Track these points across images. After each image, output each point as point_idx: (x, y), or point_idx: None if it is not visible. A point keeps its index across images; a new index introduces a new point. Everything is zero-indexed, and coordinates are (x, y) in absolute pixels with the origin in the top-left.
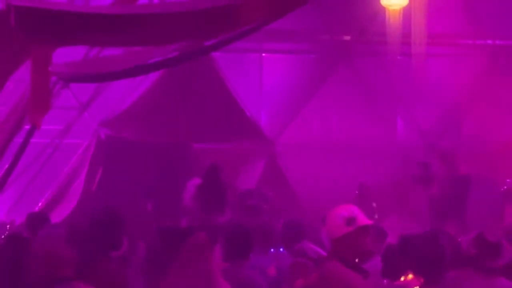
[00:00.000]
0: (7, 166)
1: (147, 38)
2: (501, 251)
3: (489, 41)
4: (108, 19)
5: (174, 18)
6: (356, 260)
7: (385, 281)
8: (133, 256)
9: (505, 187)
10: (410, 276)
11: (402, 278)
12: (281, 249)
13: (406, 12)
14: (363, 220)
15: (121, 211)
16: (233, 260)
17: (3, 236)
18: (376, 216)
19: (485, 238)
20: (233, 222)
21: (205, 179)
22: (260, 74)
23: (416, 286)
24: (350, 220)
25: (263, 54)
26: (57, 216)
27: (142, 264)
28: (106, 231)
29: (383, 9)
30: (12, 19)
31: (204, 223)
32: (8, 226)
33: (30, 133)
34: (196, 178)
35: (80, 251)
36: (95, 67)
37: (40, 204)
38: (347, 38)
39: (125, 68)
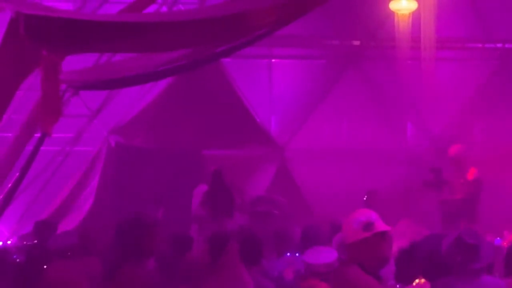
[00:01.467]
0: (17, 174)
1: (156, 45)
2: (481, 253)
3: (499, 45)
4: (116, 27)
5: (182, 25)
6: (373, 265)
7: (398, 285)
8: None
9: None
10: (422, 280)
11: (415, 283)
12: (297, 254)
13: (415, 17)
14: (381, 226)
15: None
16: (244, 266)
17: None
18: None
19: (464, 241)
20: (243, 228)
21: (211, 185)
22: (270, 80)
23: None
24: (368, 225)
25: (273, 60)
26: (68, 223)
27: (154, 270)
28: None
29: (392, 14)
30: (21, 28)
31: (214, 230)
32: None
33: (40, 141)
34: (202, 184)
35: (107, 258)
36: (104, 74)
37: (49, 212)
38: (357, 43)
39: (135, 75)
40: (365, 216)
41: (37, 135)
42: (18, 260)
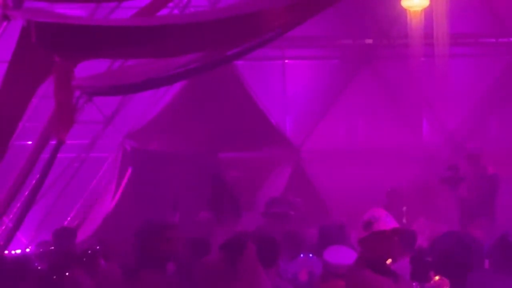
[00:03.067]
0: (34, 182)
1: (169, 48)
2: None
3: None
4: (129, 31)
5: (195, 28)
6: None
7: (414, 283)
8: None
9: None
10: (437, 277)
11: (433, 280)
12: (311, 255)
13: (428, 13)
14: (381, 225)
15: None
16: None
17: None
18: (405, 221)
19: (508, 240)
20: (260, 230)
21: (212, 189)
22: (284, 81)
23: None
24: (367, 225)
25: (286, 61)
26: (86, 230)
27: (173, 275)
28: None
29: (404, 11)
30: (33, 36)
31: (223, 234)
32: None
33: (56, 149)
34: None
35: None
36: (118, 79)
37: (67, 219)
38: (369, 41)
39: (148, 79)
40: (368, 216)
41: (53, 142)
42: (39, 267)
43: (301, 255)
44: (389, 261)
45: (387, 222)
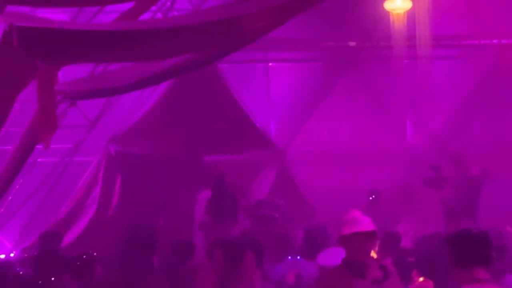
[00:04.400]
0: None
1: (152, 52)
2: (506, 253)
3: (495, 41)
4: (112, 36)
5: (178, 32)
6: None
7: None
8: None
9: None
10: (421, 279)
11: (418, 280)
12: (298, 257)
13: (410, 16)
14: (348, 228)
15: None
16: None
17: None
18: (389, 221)
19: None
20: (244, 233)
21: (213, 190)
22: (268, 84)
23: None
24: (339, 228)
25: (270, 64)
26: (73, 233)
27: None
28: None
29: (387, 13)
30: (15, 40)
31: (221, 236)
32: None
33: (27, 153)
34: (206, 191)
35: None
36: (101, 83)
37: (52, 223)
38: (353, 44)
39: (131, 82)
40: (346, 216)
41: (27, 146)
42: (21, 272)
43: (289, 257)
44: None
45: (355, 225)
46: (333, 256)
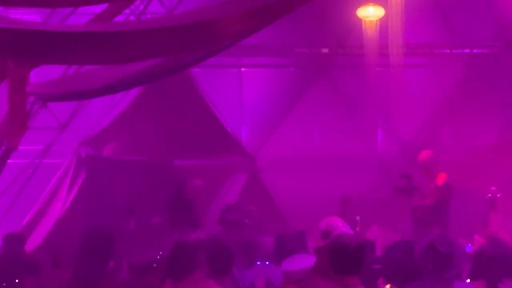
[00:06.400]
0: None
1: (125, 55)
2: (453, 261)
3: (467, 50)
4: (85, 37)
5: (151, 35)
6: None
7: None
8: (117, 275)
9: (489, 195)
10: (388, 286)
11: None
12: (267, 263)
13: (383, 24)
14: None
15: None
16: (215, 276)
17: None
18: (358, 229)
19: (437, 249)
20: (214, 238)
21: (171, 196)
22: (240, 89)
23: None
24: (326, 234)
25: (242, 69)
26: (38, 236)
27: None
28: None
29: (359, 21)
30: None
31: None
32: None
33: (6, 155)
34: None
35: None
36: (73, 85)
37: (20, 225)
38: (325, 51)
39: (103, 85)
40: (325, 224)
41: (3, 148)
42: None
43: (258, 263)
44: None
45: (344, 231)
46: (296, 260)
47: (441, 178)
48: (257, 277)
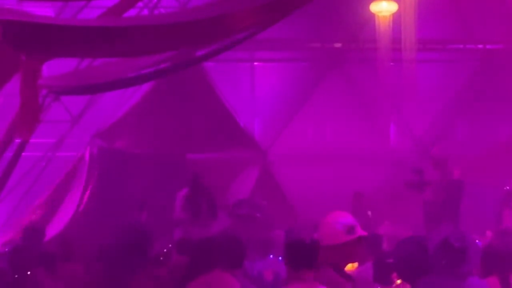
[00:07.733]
0: None
1: (137, 49)
2: (467, 256)
3: (480, 46)
4: (97, 31)
5: (163, 29)
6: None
7: (378, 287)
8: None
9: (507, 187)
10: (399, 281)
11: (396, 283)
12: (280, 258)
13: (396, 19)
14: (360, 230)
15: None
16: (227, 269)
17: None
18: (370, 224)
19: (451, 244)
20: (226, 232)
21: (190, 188)
22: (252, 83)
23: None
24: (351, 229)
25: (255, 63)
26: (52, 229)
27: None
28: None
29: (373, 16)
30: (0, 34)
31: (198, 233)
32: None
33: (20, 148)
34: (185, 188)
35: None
36: (85, 79)
37: (33, 218)
38: (338, 45)
39: (116, 79)
40: (348, 219)
41: (18, 141)
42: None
43: (270, 256)
44: (355, 265)
45: (352, 230)
46: None
47: (453, 173)
48: (266, 268)
